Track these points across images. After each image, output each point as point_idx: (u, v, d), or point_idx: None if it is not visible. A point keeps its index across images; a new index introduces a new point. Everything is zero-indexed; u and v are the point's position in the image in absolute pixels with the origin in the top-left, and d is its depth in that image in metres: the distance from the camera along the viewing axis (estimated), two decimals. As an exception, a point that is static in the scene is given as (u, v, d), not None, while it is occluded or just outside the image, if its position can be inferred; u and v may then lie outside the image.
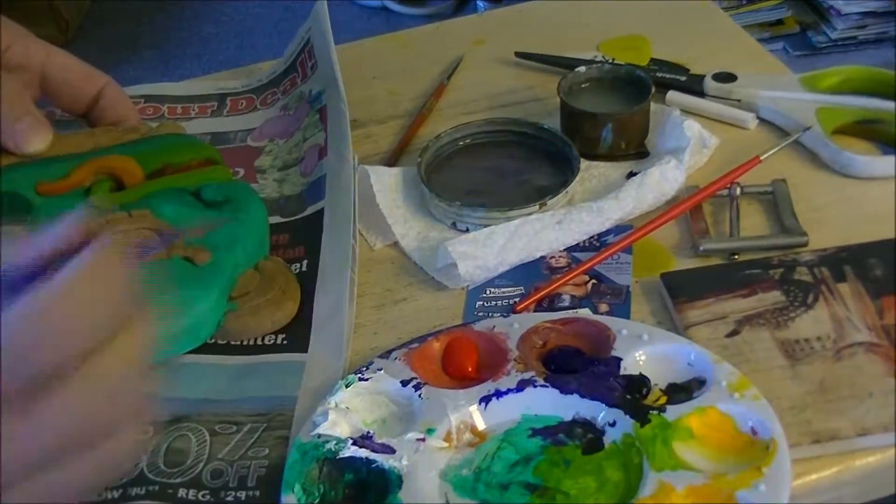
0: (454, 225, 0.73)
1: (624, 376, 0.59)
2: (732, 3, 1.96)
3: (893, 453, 0.56)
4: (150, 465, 0.58)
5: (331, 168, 0.75)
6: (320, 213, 0.73)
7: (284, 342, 0.66)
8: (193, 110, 0.87)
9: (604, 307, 0.66)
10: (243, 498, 0.56)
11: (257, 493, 0.56)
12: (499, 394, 0.59)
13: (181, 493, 0.56)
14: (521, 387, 0.59)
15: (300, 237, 0.73)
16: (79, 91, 0.77)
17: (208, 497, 0.56)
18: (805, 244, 0.68)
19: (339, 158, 0.75)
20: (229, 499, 0.56)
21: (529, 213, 0.71)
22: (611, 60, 0.88)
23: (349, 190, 0.73)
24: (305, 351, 0.65)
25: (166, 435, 0.60)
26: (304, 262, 0.70)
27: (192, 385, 0.63)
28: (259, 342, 0.66)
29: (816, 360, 0.59)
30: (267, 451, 0.59)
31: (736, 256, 0.68)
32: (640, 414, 0.56)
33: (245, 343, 0.66)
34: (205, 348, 0.65)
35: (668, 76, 0.84)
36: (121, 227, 0.65)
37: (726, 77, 0.82)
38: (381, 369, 0.61)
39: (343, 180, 0.74)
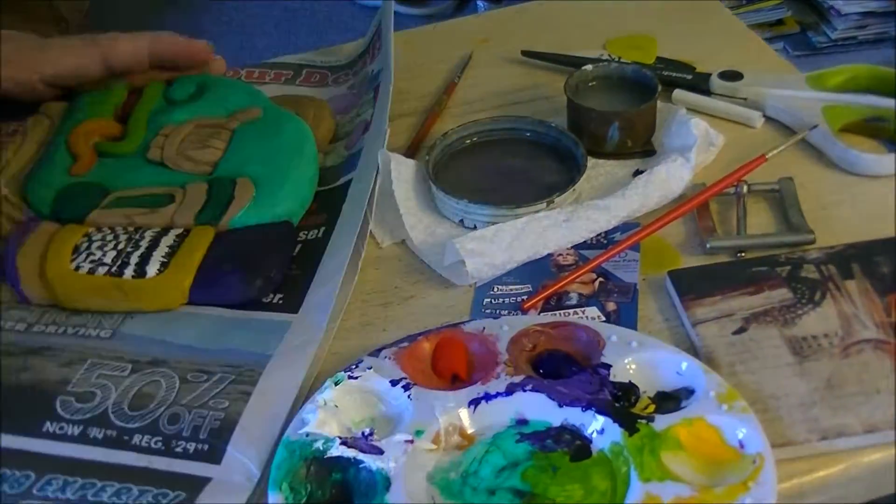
0: (462, 222, 0.73)
1: (613, 383, 0.58)
2: (733, 3, 1.96)
3: (901, 450, 0.56)
4: (115, 405, 0.60)
5: (368, 142, 0.77)
6: (348, 183, 0.75)
7: (280, 301, 0.67)
8: (269, 76, 0.91)
9: (611, 305, 0.66)
10: (191, 450, 0.57)
11: (206, 446, 0.57)
12: (488, 397, 0.58)
13: (136, 439, 0.58)
14: (510, 391, 0.59)
15: (326, 205, 0.74)
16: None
17: (160, 444, 0.58)
18: (812, 242, 0.69)
19: (378, 132, 0.76)
20: (178, 449, 0.57)
21: (537, 211, 0.71)
22: (617, 59, 0.88)
23: (375, 164, 0.74)
24: (297, 312, 0.66)
25: (140, 377, 0.62)
26: (322, 228, 0.72)
27: (180, 330, 0.65)
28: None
29: (824, 357, 0.60)
30: (227, 403, 0.60)
31: (743, 254, 0.69)
32: (628, 422, 0.56)
33: None
34: None
35: (674, 75, 0.84)
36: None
37: (733, 75, 0.82)
38: (370, 367, 0.60)
39: (373, 154, 0.75)
